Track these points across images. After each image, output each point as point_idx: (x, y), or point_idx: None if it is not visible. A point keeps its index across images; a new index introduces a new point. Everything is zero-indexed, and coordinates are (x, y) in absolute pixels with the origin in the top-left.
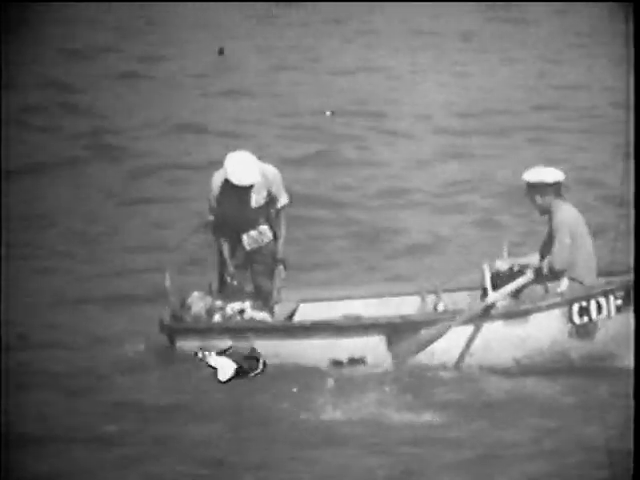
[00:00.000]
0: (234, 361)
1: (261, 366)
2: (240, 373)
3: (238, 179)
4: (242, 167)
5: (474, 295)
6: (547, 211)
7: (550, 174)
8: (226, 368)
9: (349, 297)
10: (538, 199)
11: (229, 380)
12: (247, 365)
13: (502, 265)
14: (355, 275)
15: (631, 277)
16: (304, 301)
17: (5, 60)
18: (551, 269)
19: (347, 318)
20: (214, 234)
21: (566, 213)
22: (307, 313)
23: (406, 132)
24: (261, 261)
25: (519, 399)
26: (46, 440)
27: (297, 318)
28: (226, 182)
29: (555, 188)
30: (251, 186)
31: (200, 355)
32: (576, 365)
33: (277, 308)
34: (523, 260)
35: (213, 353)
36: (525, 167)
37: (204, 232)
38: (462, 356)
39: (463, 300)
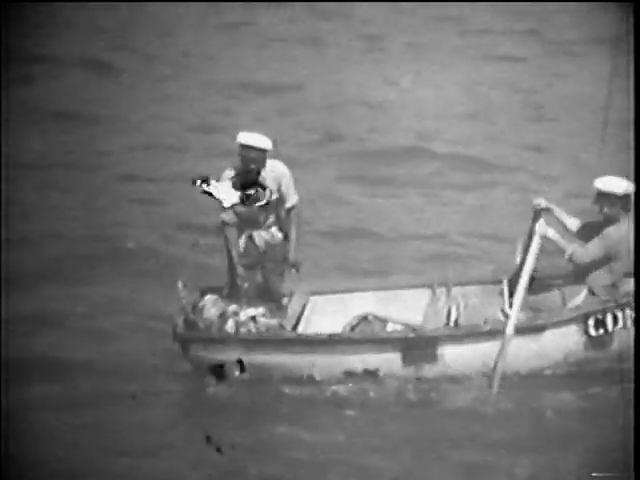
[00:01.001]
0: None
1: (268, 195)
2: (245, 200)
3: (255, 141)
4: (256, 135)
5: (485, 289)
6: (613, 221)
7: (620, 185)
8: (230, 195)
9: (360, 289)
10: (606, 209)
11: (233, 206)
12: (253, 192)
13: (541, 203)
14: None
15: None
16: (315, 293)
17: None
18: (573, 258)
19: (362, 332)
20: (225, 235)
21: (621, 232)
22: (318, 306)
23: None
24: (272, 263)
25: (534, 409)
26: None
27: (308, 312)
28: (236, 177)
29: (624, 200)
30: (263, 160)
31: (199, 184)
32: (591, 375)
33: (287, 302)
34: (563, 216)
35: (213, 181)
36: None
37: (215, 234)
38: (497, 371)
39: (473, 293)
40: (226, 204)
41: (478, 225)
